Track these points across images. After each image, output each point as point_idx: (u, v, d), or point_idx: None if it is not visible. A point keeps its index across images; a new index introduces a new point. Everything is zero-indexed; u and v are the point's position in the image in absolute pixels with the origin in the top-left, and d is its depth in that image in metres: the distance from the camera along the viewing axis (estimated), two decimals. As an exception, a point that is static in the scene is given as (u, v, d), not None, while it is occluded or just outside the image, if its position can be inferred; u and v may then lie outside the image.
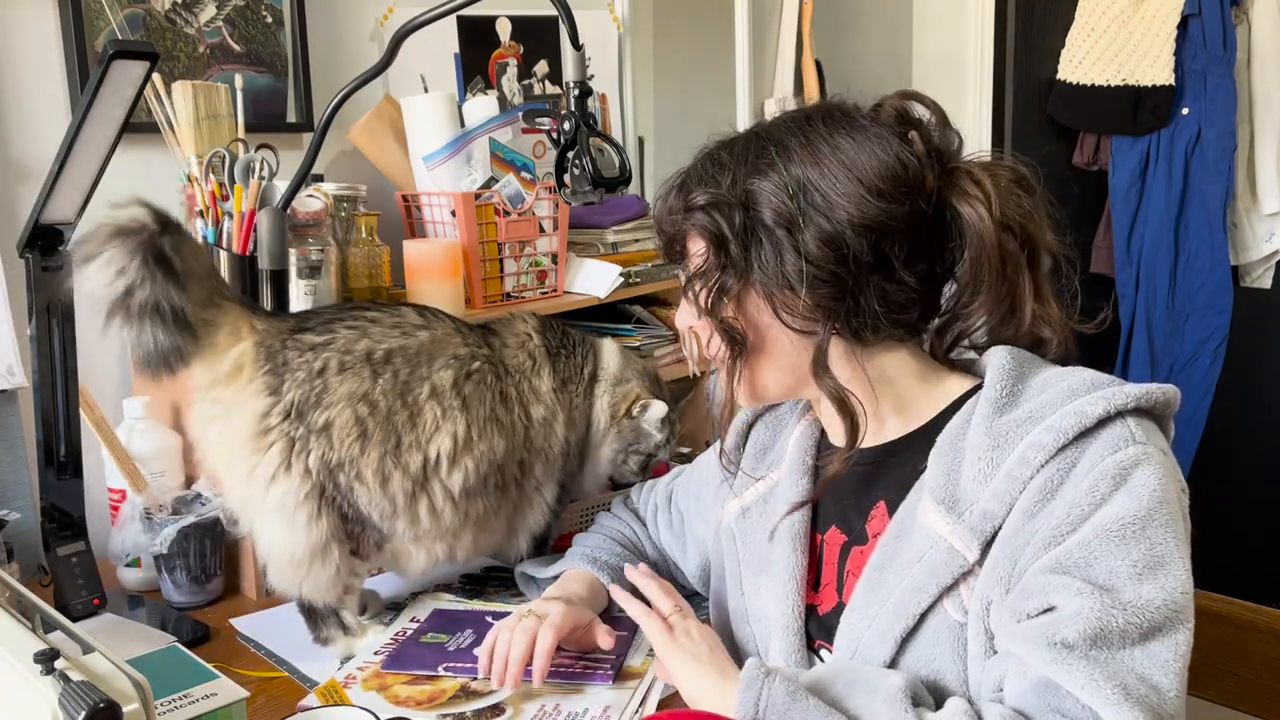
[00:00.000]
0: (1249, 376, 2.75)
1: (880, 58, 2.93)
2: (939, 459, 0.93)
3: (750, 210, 0.95)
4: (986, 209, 0.94)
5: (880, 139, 0.94)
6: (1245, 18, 2.64)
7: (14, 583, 0.97)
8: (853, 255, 0.92)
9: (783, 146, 0.95)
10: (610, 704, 1.12)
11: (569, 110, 1.30)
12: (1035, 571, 0.83)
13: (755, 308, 0.98)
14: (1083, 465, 0.85)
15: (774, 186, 0.94)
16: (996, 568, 0.86)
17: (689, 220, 0.98)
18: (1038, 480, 0.86)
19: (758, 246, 0.95)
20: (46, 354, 1.29)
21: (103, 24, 1.55)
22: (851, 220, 0.92)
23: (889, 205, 0.92)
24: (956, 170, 0.97)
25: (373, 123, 1.76)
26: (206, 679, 1.10)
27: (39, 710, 0.72)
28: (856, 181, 0.92)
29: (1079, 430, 0.85)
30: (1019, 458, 0.87)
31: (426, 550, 1.27)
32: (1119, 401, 0.86)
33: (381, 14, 1.86)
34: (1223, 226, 2.66)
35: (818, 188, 0.93)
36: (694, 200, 0.97)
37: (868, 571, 0.95)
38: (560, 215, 1.80)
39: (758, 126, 1.01)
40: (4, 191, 1.50)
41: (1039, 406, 0.90)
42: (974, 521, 0.88)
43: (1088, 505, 0.83)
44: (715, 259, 0.97)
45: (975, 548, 0.87)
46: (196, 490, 1.45)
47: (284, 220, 1.34)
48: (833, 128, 0.95)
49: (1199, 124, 2.64)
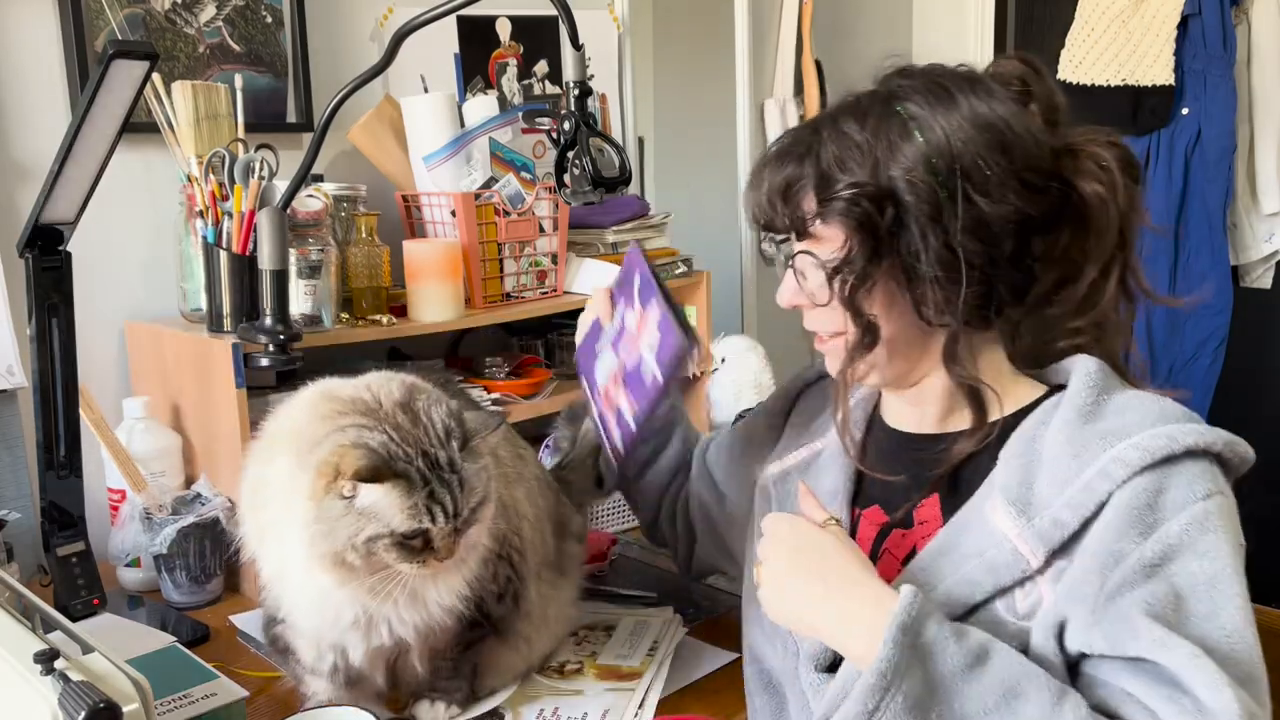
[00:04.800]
0: (1249, 376, 2.75)
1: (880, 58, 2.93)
2: (1012, 459, 0.91)
3: (899, 200, 0.90)
4: (1112, 196, 0.91)
5: (1018, 115, 0.91)
6: (1245, 18, 2.64)
7: (14, 583, 0.97)
8: (1000, 246, 0.90)
9: (926, 126, 0.90)
10: (610, 707, 1.12)
11: (569, 110, 1.30)
12: (1134, 609, 0.80)
13: (889, 296, 0.94)
14: (1172, 498, 0.83)
15: (923, 176, 0.89)
16: (1079, 587, 0.83)
17: (829, 208, 0.92)
18: (1119, 498, 0.83)
19: (907, 238, 0.90)
20: (46, 354, 1.29)
21: (103, 24, 1.55)
22: (1002, 212, 0.89)
23: (1037, 194, 0.90)
24: (1076, 149, 0.93)
25: (373, 123, 1.76)
26: (206, 679, 1.10)
27: (39, 710, 0.72)
28: (1008, 170, 0.89)
29: (1166, 454, 0.83)
30: (1100, 470, 0.85)
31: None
32: (1210, 439, 0.85)
33: (381, 14, 1.86)
34: (1223, 226, 2.66)
35: (968, 177, 0.89)
36: (837, 190, 0.91)
37: (923, 556, 0.93)
38: (560, 215, 1.80)
39: (888, 93, 0.94)
40: (4, 191, 1.50)
41: (1125, 424, 0.87)
42: (1043, 528, 0.86)
43: (1183, 548, 0.81)
44: (860, 249, 0.91)
45: (1040, 554, 0.85)
46: (196, 490, 1.45)
47: (284, 220, 1.34)
48: (974, 105, 0.90)
49: (1199, 124, 2.64)
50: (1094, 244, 0.93)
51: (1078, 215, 0.93)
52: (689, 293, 2.02)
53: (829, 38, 2.70)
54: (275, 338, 1.33)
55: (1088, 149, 0.93)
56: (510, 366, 1.83)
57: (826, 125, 0.94)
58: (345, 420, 0.96)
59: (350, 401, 0.98)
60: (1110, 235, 0.93)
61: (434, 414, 0.98)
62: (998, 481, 0.91)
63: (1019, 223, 0.90)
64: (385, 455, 0.93)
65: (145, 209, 1.63)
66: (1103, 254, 0.93)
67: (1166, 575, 0.81)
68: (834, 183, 0.91)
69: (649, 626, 1.29)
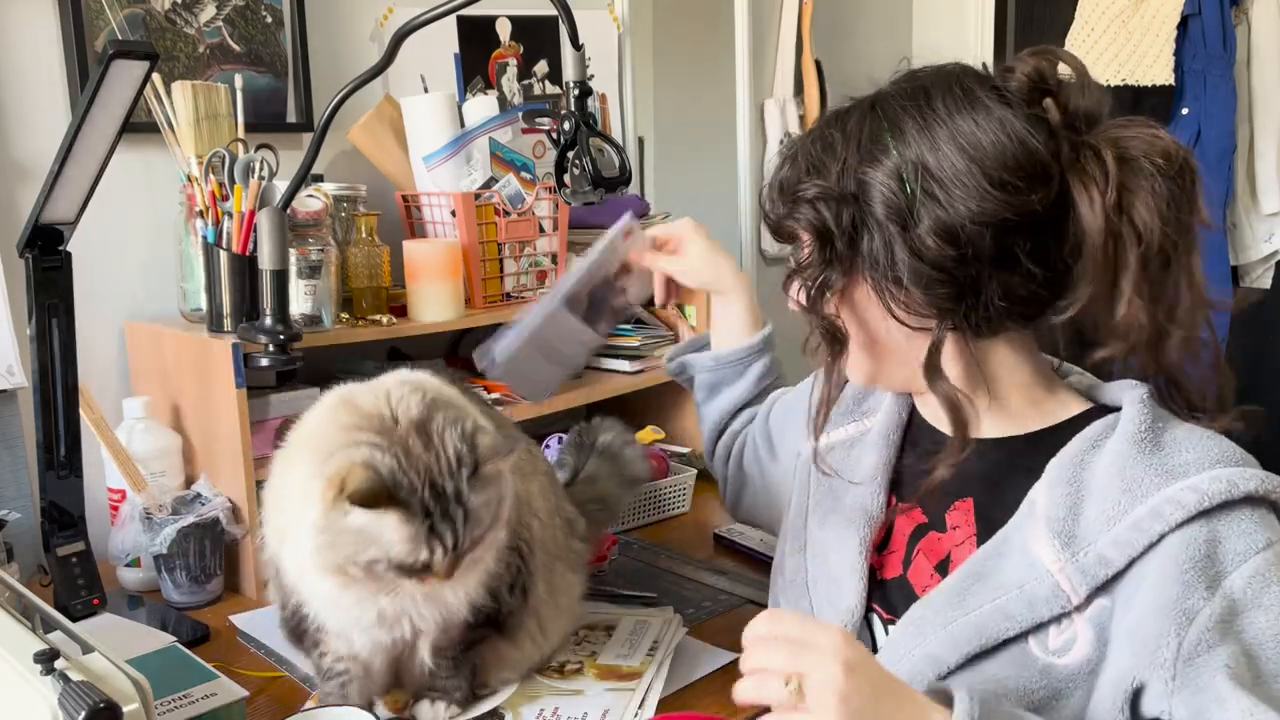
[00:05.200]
0: (1249, 376, 2.74)
1: (880, 58, 2.92)
2: (1057, 486, 0.88)
3: (861, 202, 0.88)
4: (1101, 195, 0.85)
5: (1005, 120, 0.86)
6: (1245, 18, 2.64)
7: (14, 583, 0.97)
8: (973, 249, 0.86)
9: (898, 129, 0.88)
10: (609, 707, 1.12)
11: (569, 110, 1.30)
12: (1216, 675, 0.77)
13: (865, 302, 0.93)
14: (1232, 548, 0.80)
15: (885, 176, 0.87)
16: (1154, 649, 0.79)
17: (796, 212, 0.92)
18: (1171, 541, 0.81)
19: (869, 240, 0.89)
20: (46, 354, 1.29)
21: (103, 24, 1.55)
22: (970, 213, 0.85)
23: (1010, 196, 0.85)
24: (1084, 144, 0.87)
25: (373, 123, 1.76)
26: (206, 679, 1.10)
27: (39, 710, 0.72)
28: (977, 171, 0.85)
29: (1224, 499, 0.81)
30: (1152, 510, 0.82)
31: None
32: (1269, 486, 0.82)
33: (381, 14, 1.86)
34: (1223, 226, 2.66)
35: (935, 177, 0.86)
36: (802, 191, 0.91)
37: (958, 577, 0.90)
38: (560, 215, 1.80)
39: (875, 98, 0.92)
40: (4, 191, 1.50)
41: (1182, 463, 0.84)
42: (1087, 565, 0.83)
43: (1249, 604, 0.79)
44: (819, 254, 0.91)
45: (1082, 591, 0.83)
46: (196, 490, 1.45)
47: (284, 220, 1.34)
48: (954, 107, 0.87)
49: (1199, 124, 2.64)
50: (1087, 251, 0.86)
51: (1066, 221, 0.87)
52: (689, 292, 2.01)
53: (829, 38, 2.70)
54: (275, 338, 1.33)
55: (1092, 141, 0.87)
56: (510, 366, 1.83)
57: (817, 128, 0.94)
58: (360, 435, 0.95)
59: (368, 416, 0.97)
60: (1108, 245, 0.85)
61: (448, 438, 0.95)
62: (1040, 510, 0.88)
63: (995, 225, 0.85)
64: (390, 481, 0.92)
65: (145, 209, 1.62)
66: (1105, 264, 0.85)
67: (1235, 633, 0.79)
68: (806, 186, 0.91)
69: (649, 626, 1.29)
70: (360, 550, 0.92)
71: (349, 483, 0.90)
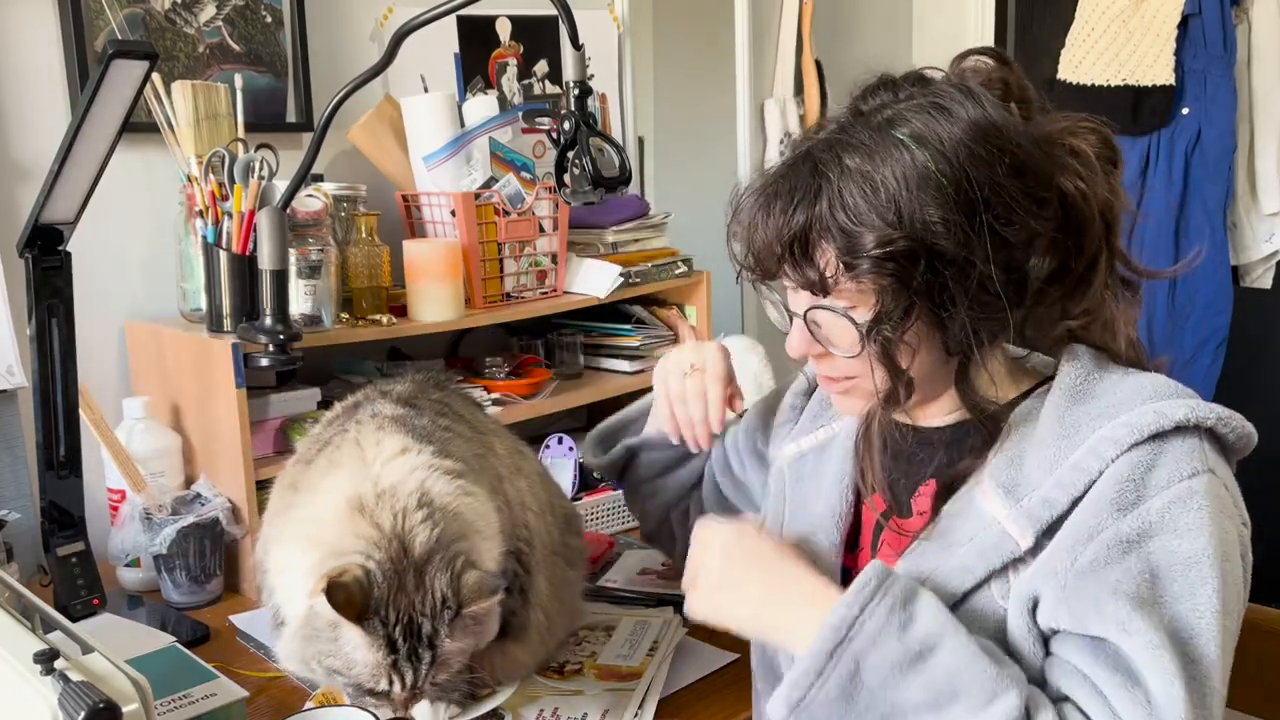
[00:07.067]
0: (1249, 376, 2.75)
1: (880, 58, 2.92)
2: (1003, 445, 0.91)
3: (931, 248, 0.85)
4: (1091, 187, 0.89)
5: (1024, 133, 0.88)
6: (1245, 18, 2.64)
7: (14, 583, 0.97)
8: (1022, 269, 0.89)
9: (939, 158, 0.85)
10: (609, 706, 1.12)
11: (569, 110, 1.30)
12: (1102, 587, 0.80)
13: (917, 338, 0.90)
14: (1158, 475, 0.82)
15: (952, 216, 0.84)
16: (1051, 561, 0.83)
17: (859, 267, 0.86)
18: (1110, 474, 0.83)
19: (939, 284, 0.86)
20: (46, 354, 1.29)
21: (103, 24, 1.55)
22: (1022, 236, 0.86)
23: (1047, 208, 0.87)
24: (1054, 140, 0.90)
25: (373, 123, 1.76)
26: (206, 679, 1.10)
27: (39, 710, 0.72)
28: (1023, 191, 0.85)
29: (1155, 430, 0.82)
30: (1089, 450, 0.84)
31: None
32: (1202, 414, 0.83)
33: (381, 14, 1.86)
34: (1223, 226, 2.66)
35: (990, 208, 0.85)
36: (868, 248, 0.84)
37: (916, 544, 0.93)
38: (560, 215, 1.80)
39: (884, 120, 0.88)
40: (4, 191, 1.50)
41: (1114, 402, 0.87)
42: (1032, 508, 0.85)
43: (1163, 526, 0.80)
44: (896, 304, 0.87)
45: (1029, 534, 0.84)
46: (196, 490, 1.45)
47: (284, 220, 1.34)
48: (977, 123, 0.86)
49: (1199, 124, 2.64)
50: (1078, 238, 0.90)
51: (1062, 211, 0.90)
52: (689, 293, 2.02)
53: (829, 38, 2.70)
54: (275, 338, 1.33)
55: (1064, 140, 0.91)
56: (510, 366, 1.83)
57: (830, 165, 0.87)
58: (361, 544, 0.95)
59: (378, 527, 0.96)
60: (1095, 227, 0.90)
61: (438, 583, 0.95)
62: (987, 469, 0.91)
63: (1032, 241, 0.89)
64: (370, 605, 0.93)
65: (145, 209, 1.62)
66: (1090, 246, 0.91)
67: (1144, 553, 0.80)
68: (858, 238, 0.85)
69: (649, 626, 1.29)
70: (327, 653, 0.94)
71: (332, 589, 0.91)
